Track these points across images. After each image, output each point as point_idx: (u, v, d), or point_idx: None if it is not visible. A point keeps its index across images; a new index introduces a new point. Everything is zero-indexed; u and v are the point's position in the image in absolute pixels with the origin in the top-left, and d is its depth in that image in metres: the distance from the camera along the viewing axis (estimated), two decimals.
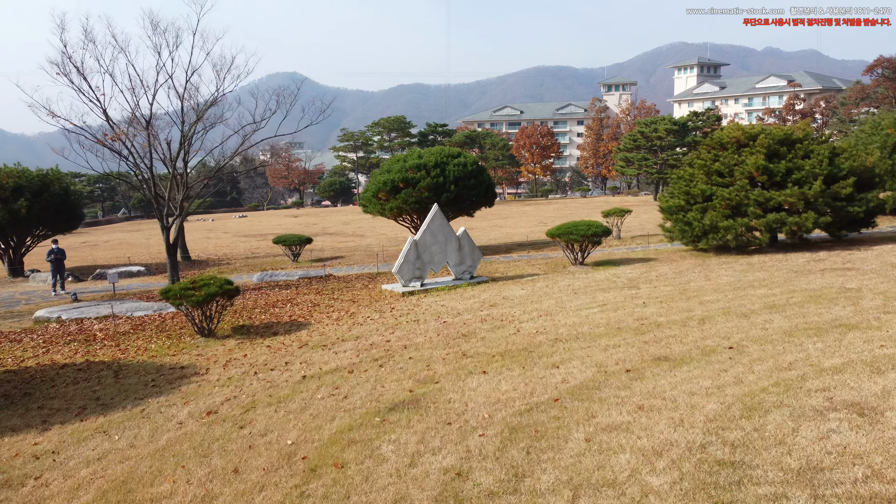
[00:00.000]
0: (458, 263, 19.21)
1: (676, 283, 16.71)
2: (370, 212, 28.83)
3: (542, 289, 17.54)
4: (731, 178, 21.05)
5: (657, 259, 21.83)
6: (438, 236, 18.75)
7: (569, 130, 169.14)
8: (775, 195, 19.84)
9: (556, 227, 20.74)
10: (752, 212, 20.07)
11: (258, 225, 65.47)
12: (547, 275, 20.08)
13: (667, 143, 61.07)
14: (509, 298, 16.45)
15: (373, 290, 19.31)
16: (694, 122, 60.94)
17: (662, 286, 16.47)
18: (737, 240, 20.14)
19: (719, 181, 21.20)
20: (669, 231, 22.67)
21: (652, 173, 60.64)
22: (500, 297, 16.64)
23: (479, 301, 16.37)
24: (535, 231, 40.11)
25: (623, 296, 15.53)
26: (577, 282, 18.24)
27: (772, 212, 20.27)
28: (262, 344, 13.46)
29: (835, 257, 19.09)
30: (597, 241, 20.54)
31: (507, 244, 33.20)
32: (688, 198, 21.67)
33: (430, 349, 11.79)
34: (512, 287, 18.17)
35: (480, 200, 28.78)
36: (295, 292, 19.95)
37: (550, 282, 18.61)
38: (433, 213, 18.72)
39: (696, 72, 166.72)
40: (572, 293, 16.48)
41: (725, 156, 21.37)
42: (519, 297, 16.46)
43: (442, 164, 27.73)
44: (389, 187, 27.21)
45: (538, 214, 57.67)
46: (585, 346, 11.08)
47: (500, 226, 47.06)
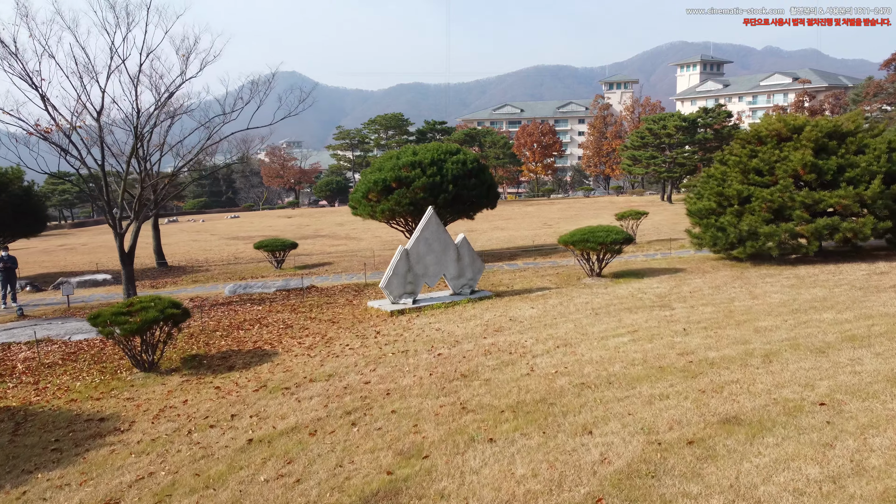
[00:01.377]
0: (457, 276, 16.55)
1: (717, 302, 14.03)
2: (360, 214, 26.15)
3: (555, 308, 14.86)
4: (771, 176, 18.39)
5: (685, 269, 19.15)
6: (434, 245, 16.08)
7: (570, 129, 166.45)
8: (826, 197, 17.18)
9: (570, 233, 18.08)
10: (799, 216, 17.40)
11: (249, 226, 62.74)
12: (559, 289, 17.42)
13: (676, 141, 58.34)
14: (517, 320, 13.77)
15: (357, 308, 16.64)
16: (704, 119, 58.21)
17: (701, 306, 13.79)
18: (780, 248, 17.48)
19: (758, 180, 18.54)
20: (698, 237, 20.01)
21: (661, 172, 57.91)
22: (507, 319, 13.97)
23: (482, 324, 13.69)
24: (539, 234, 37.44)
25: (655, 318, 12.85)
26: (596, 298, 15.57)
27: (820, 216, 17.61)
28: (210, 384, 10.78)
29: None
30: (617, 250, 17.89)
31: (510, 249, 30.52)
32: (720, 199, 19.00)
33: (420, 397, 9.12)
34: (520, 305, 15.50)
35: (481, 201, 26.09)
36: (268, 309, 17.26)
37: (565, 298, 15.94)
38: (427, 217, 16.06)
39: (699, 69, 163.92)
40: (593, 314, 13.80)
41: (765, 151, 18.70)
42: (529, 319, 13.79)
43: (439, 161, 25.05)
44: (381, 187, 24.54)
45: (541, 215, 54.99)
46: (623, 397, 8.42)
47: (502, 227, 44.38)
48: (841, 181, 17.51)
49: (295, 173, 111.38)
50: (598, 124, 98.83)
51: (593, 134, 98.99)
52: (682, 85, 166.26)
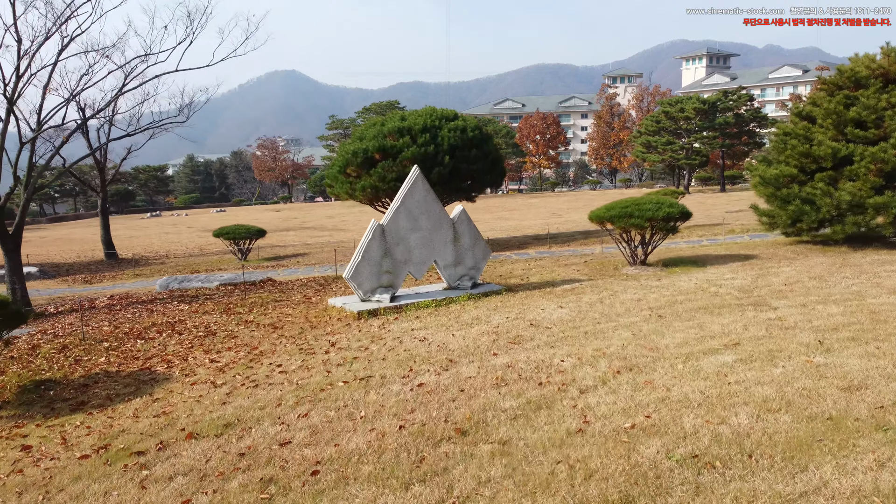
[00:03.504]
0: (453, 263, 12.01)
1: (840, 299, 9.46)
2: (337, 193, 21.59)
3: (594, 307, 10.31)
4: (878, 129, 13.88)
5: (758, 256, 14.60)
6: (421, 219, 11.54)
7: (572, 124, 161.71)
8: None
9: (607, 206, 13.54)
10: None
11: (231, 220, 58.06)
12: (593, 280, 12.86)
13: (693, 126, 53.71)
14: (542, 326, 9.21)
15: (315, 307, 12.07)
16: (724, 102, 53.54)
17: (817, 304, 9.23)
18: (894, 225, 12.97)
19: (860, 135, 14.02)
20: (769, 216, 15.48)
21: (678, 159, 53.26)
22: (526, 324, 9.42)
23: (490, 331, 9.14)
24: (550, 223, 32.86)
25: (758, 323, 8.30)
26: (650, 294, 11.02)
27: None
28: (22, 439, 6.25)
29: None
30: (671, 229, 13.36)
31: (518, 238, 25.93)
32: (804, 163, 14.48)
33: (374, 485, 4.58)
34: (542, 303, 10.95)
35: (484, 178, 21.54)
36: (194, 309, 12.71)
37: (605, 293, 11.39)
38: (412, 180, 11.52)
39: (705, 63, 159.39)
40: (655, 317, 9.25)
41: (868, 97, 14.16)
42: (560, 324, 9.23)
43: (433, 128, 20.51)
44: (361, 159, 19.99)
45: (548, 206, 50.42)
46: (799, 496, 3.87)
47: (506, 218, 39.84)
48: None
49: (288, 167, 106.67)
50: (605, 114, 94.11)
51: (600, 125, 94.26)
52: (688, 79, 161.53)
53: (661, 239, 13.61)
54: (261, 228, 24.34)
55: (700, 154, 54.07)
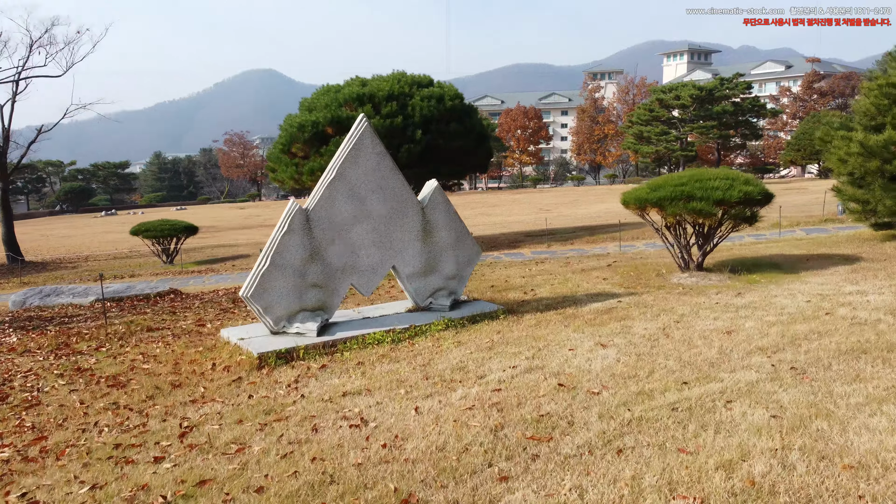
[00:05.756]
0: (423, 271, 7.69)
1: None
2: (280, 178, 17.15)
3: (659, 345, 6.10)
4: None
5: (859, 256, 10.52)
6: (370, 201, 7.23)
7: (552, 121, 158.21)
8: None
9: (651, 184, 9.33)
10: None
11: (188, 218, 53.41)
12: (635, 295, 8.59)
13: (689, 115, 49.88)
14: (582, 389, 4.97)
15: (205, 340, 7.59)
16: (720, 90, 49.78)
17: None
18: None
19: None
20: (863, 201, 11.43)
21: (673, 150, 49.41)
22: (551, 384, 5.15)
23: (485, 404, 4.87)
24: (539, 219, 28.62)
25: None
26: (741, 319, 6.82)
27: None
28: None
29: None
30: (750, 218, 9.18)
31: (507, 235, 21.62)
32: None
33: None
34: (567, 335, 6.70)
35: (468, 158, 17.23)
36: (22, 342, 8.20)
37: (664, 317, 7.18)
38: (356, 136, 7.20)
39: (686, 59, 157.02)
40: (781, 367, 5.01)
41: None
42: (612, 384, 4.99)
43: (402, 95, 16.19)
44: (310, 134, 15.62)
45: (533, 202, 46.28)
46: None
47: (489, 213, 35.62)
48: None
49: (258, 164, 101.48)
50: (589, 108, 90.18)
51: (583, 119, 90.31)
52: (669, 75, 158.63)
53: (729, 231, 9.41)
54: (190, 224, 19.82)
55: (692, 146, 50.32)
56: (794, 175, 78.75)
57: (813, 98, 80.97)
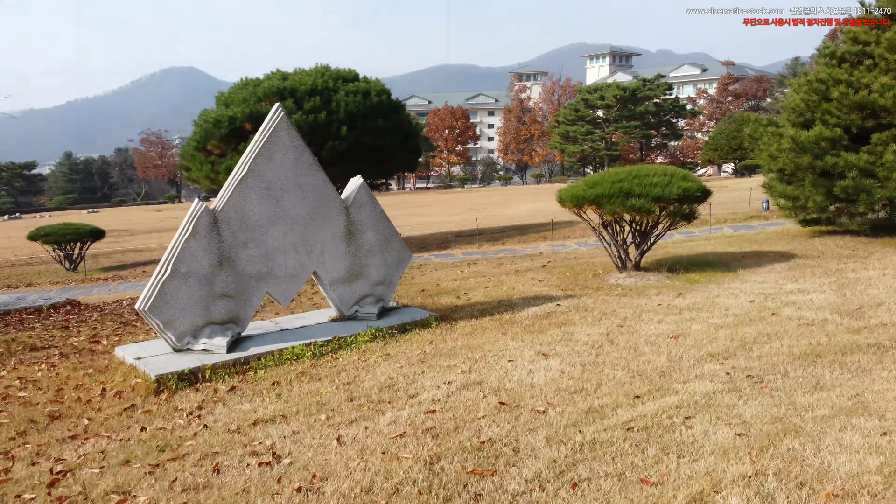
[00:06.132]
0: (348, 276, 7.02)
1: None
2: (195, 178, 16.08)
3: (604, 353, 5.66)
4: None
5: (792, 252, 10.46)
6: (287, 200, 6.51)
7: (479, 122, 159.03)
8: None
9: (588, 181, 8.94)
10: None
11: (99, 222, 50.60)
12: (574, 297, 8.16)
13: (614, 115, 50.74)
14: (525, 408, 4.46)
15: (98, 360, 6.67)
16: (643, 91, 50.85)
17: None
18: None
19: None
20: (792, 197, 11.43)
21: (598, 150, 50.14)
22: (490, 402, 4.61)
23: (417, 430, 4.30)
24: (469, 219, 28.21)
25: None
26: (687, 322, 6.48)
27: None
28: None
29: None
30: (687, 215, 8.91)
31: (437, 235, 21.08)
32: (851, 119, 10.42)
33: None
34: (506, 345, 6.18)
35: (396, 156, 16.60)
36: None
37: (607, 321, 6.77)
38: (270, 127, 6.45)
39: (609, 61, 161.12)
40: (736, 374, 4.64)
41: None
42: (557, 400, 4.50)
43: (326, 90, 15.41)
44: (226, 131, 14.65)
45: (463, 201, 46.00)
46: None
47: (417, 213, 35.05)
48: None
49: (176, 164, 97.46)
50: (516, 109, 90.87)
51: (510, 119, 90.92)
52: (592, 77, 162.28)
53: (667, 229, 9.13)
54: (96, 228, 18.38)
55: (616, 146, 51.23)
56: (711, 174, 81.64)
57: (728, 100, 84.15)
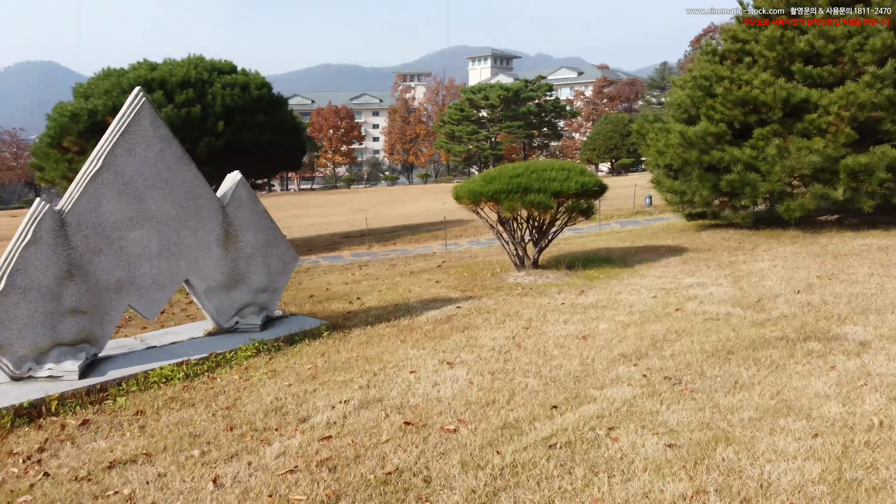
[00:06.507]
0: (226, 284, 6.26)
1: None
2: (50, 178, 14.45)
3: (513, 359, 5.29)
4: (835, 67, 10.43)
5: (684, 246, 10.58)
6: (152, 198, 5.68)
7: (364, 122, 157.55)
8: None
9: (485, 176, 8.55)
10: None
11: None
12: (474, 298, 7.77)
13: (498, 115, 51.44)
14: (433, 427, 3.96)
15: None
16: (525, 91, 51.93)
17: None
18: (873, 196, 9.54)
19: (813, 75, 10.43)
20: (679, 192, 11.60)
21: (484, 150, 50.66)
22: (394, 423, 4.10)
23: (310, 462, 3.68)
24: (357, 220, 27.47)
25: None
26: (593, 321, 6.23)
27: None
28: None
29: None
30: (586, 210, 8.72)
31: (324, 237, 20.24)
32: (734, 115, 10.69)
33: None
34: (406, 353, 5.68)
35: (279, 154, 15.67)
36: None
37: (512, 323, 6.41)
38: (131, 113, 5.60)
39: (490, 63, 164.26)
40: (653, 376, 4.39)
41: (819, 22, 10.58)
42: (470, 416, 4.04)
43: (200, 82, 14.31)
44: (85, 125, 13.26)
45: (350, 202, 45.03)
46: None
47: (303, 215, 33.87)
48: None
49: None
50: (401, 109, 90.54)
51: (395, 119, 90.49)
52: (475, 78, 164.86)
53: (565, 225, 8.93)
54: None
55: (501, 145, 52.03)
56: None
57: (603, 102, 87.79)
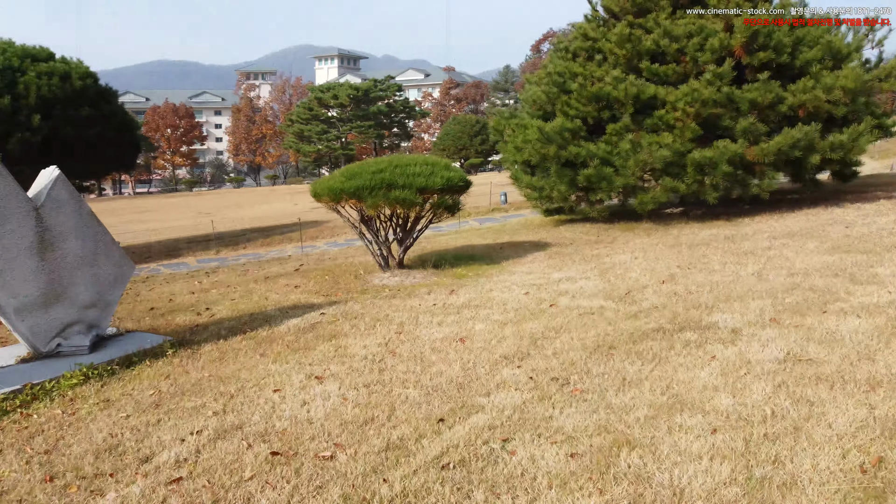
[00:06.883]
0: (44, 300, 5.30)
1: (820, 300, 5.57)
2: None
3: (389, 367, 4.87)
4: (678, 66, 10.79)
5: (546, 242, 10.59)
6: None
7: (206, 121, 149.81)
8: (793, 94, 10.13)
9: (346, 172, 7.97)
10: (749, 128, 10.04)
11: None
12: (338, 304, 7.21)
13: (348, 115, 50.60)
14: (307, 454, 3.41)
15: None
16: (374, 91, 51.50)
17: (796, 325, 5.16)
18: (717, 189, 9.98)
19: (659, 73, 10.72)
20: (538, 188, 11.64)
21: (335, 150, 49.59)
22: (258, 453, 3.48)
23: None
24: (203, 223, 25.72)
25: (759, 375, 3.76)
26: (469, 321, 5.93)
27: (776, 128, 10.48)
28: None
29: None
30: (452, 206, 8.38)
31: (165, 243, 18.59)
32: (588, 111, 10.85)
33: None
34: (266, 369, 5.07)
35: (109, 152, 14.10)
36: None
37: (383, 329, 5.96)
38: None
39: (337, 63, 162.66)
40: (540, 378, 4.17)
41: (660, 21, 10.95)
42: (346, 440, 3.54)
43: (9, 70, 12.52)
44: None
45: (193, 205, 42.30)
46: None
47: (140, 220, 31.29)
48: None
49: None
50: (245, 108, 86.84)
51: (239, 118, 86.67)
52: (322, 77, 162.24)
53: (428, 223, 8.57)
54: None
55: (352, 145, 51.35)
56: None
57: (450, 103, 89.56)
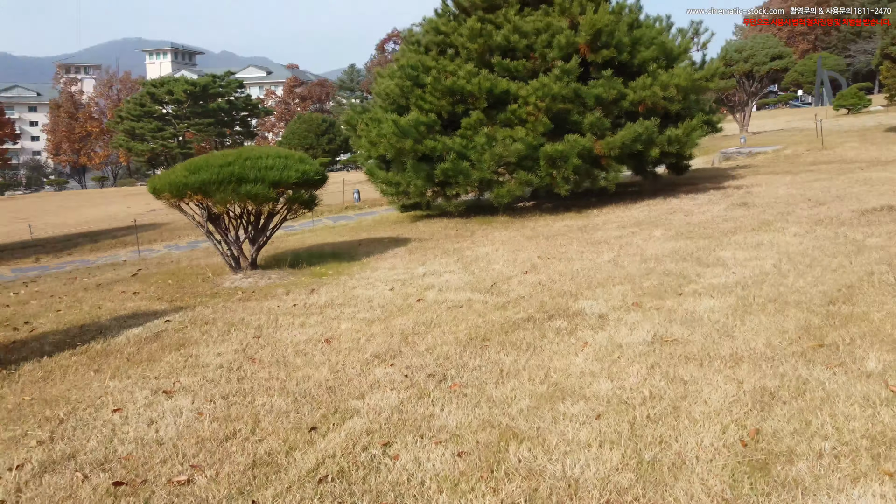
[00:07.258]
0: None
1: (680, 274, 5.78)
2: None
3: (249, 375, 4.46)
4: (529, 61, 10.85)
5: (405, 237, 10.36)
6: None
7: (18, 118, 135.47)
8: (636, 89, 10.49)
9: (189, 166, 7.21)
10: (595, 123, 10.30)
11: None
12: (187, 309, 6.54)
13: (184, 112, 47.60)
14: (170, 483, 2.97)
15: None
16: (214, 87, 48.83)
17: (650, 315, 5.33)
18: (568, 181, 10.18)
19: (510, 68, 10.73)
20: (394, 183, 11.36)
21: (171, 148, 46.43)
22: (105, 491, 3.00)
23: None
24: (17, 230, 22.97)
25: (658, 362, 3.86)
26: (333, 321, 5.60)
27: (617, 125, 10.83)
28: None
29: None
30: (309, 201, 7.87)
31: None
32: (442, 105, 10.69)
33: None
34: (103, 386, 4.47)
35: None
36: None
37: (237, 335, 5.46)
38: None
39: (171, 58, 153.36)
40: (411, 381, 3.97)
41: (510, 17, 10.96)
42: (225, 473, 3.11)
43: None
44: None
45: (6, 211, 37.79)
46: None
47: None
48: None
49: None
50: (66, 104, 79.17)
51: (60, 116, 78.87)
52: (154, 73, 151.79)
53: (283, 220, 8.04)
54: None
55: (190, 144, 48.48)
56: None
57: (295, 102, 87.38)
